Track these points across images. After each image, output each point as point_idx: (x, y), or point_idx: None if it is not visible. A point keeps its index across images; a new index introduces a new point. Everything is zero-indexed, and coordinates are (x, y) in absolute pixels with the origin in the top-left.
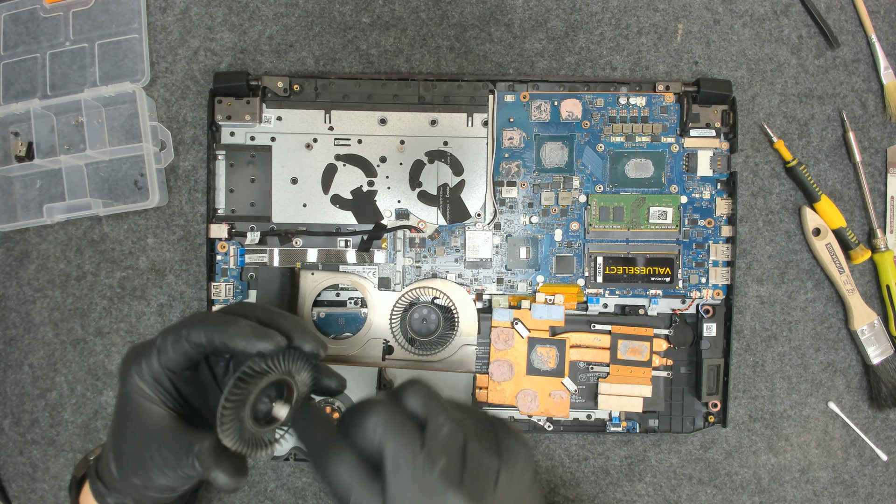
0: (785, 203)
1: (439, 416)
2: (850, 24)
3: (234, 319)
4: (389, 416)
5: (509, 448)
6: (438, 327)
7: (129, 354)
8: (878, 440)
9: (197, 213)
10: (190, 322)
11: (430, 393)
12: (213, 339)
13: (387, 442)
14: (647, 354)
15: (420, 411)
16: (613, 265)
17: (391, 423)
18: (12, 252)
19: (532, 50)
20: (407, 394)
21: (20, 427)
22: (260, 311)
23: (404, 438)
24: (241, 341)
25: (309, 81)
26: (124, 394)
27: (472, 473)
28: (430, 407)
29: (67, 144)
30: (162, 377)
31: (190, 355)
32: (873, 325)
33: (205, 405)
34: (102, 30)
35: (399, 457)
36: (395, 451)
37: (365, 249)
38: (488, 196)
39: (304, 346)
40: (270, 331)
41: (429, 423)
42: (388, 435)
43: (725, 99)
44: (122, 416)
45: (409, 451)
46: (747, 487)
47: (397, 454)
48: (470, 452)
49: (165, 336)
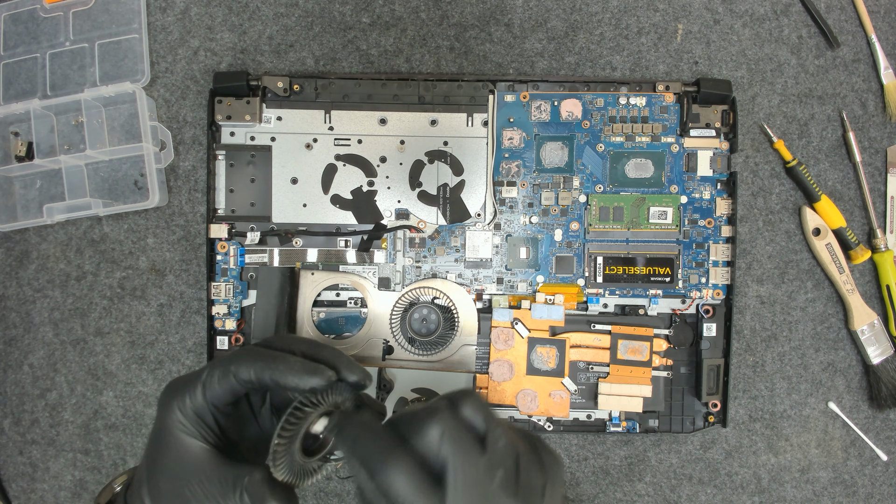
0: (785, 203)
1: (496, 429)
2: (850, 24)
3: (282, 356)
4: (453, 427)
5: (550, 464)
6: (438, 327)
7: (171, 388)
8: (878, 440)
9: (197, 213)
10: (238, 358)
11: (485, 404)
12: (262, 376)
13: (452, 452)
14: (647, 354)
15: (478, 423)
16: (613, 265)
17: (455, 433)
18: (12, 252)
19: (532, 50)
20: (465, 404)
21: (20, 427)
22: (304, 344)
23: (468, 449)
24: (293, 378)
25: (309, 81)
26: (164, 428)
27: (525, 486)
28: (488, 419)
29: (67, 144)
30: (205, 412)
31: (236, 391)
32: (873, 325)
33: (241, 436)
34: (102, 30)
35: (464, 467)
36: (460, 462)
37: (365, 249)
38: (488, 196)
39: (350, 378)
40: (321, 366)
41: (489, 435)
42: (452, 445)
43: (725, 99)
44: (160, 450)
45: (472, 462)
46: (747, 487)
47: (462, 464)
48: (522, 466)
49: (212, 371)
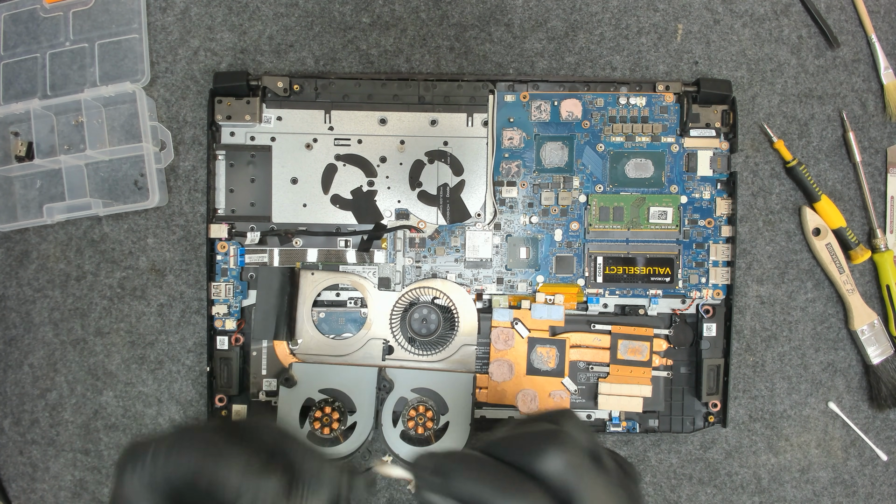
0: (785, 203)
1: (601, 448)
2: (850, 24)
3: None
4: (574, 453)
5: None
6: (438, 327)
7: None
8: (878, 440)
9: (197, 213)
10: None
11: (584, 423)
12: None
13: (578, 480)
14: (647, 354)
15: (586, 442)
16: (613, 265)
17: (577, 459)
18: (12, 252)
19: (532, 50)
20: (571, 425)
21: (20, 427)
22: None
23: (593, 475)
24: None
25: (309, 81)
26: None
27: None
28: (591, 438)
29: (67, 144)
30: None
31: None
32: (873, 325)
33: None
34: (102, 30)
35: (593, 494)
36: (589, 490)
37: (365, 249)
38: (488, 196)
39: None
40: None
41: (603, 459)
42: (577, 473)
43: (725, 99)
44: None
45: (599, 487)
46: (747, 487)
47: (591, 491)
48: (625, 483)
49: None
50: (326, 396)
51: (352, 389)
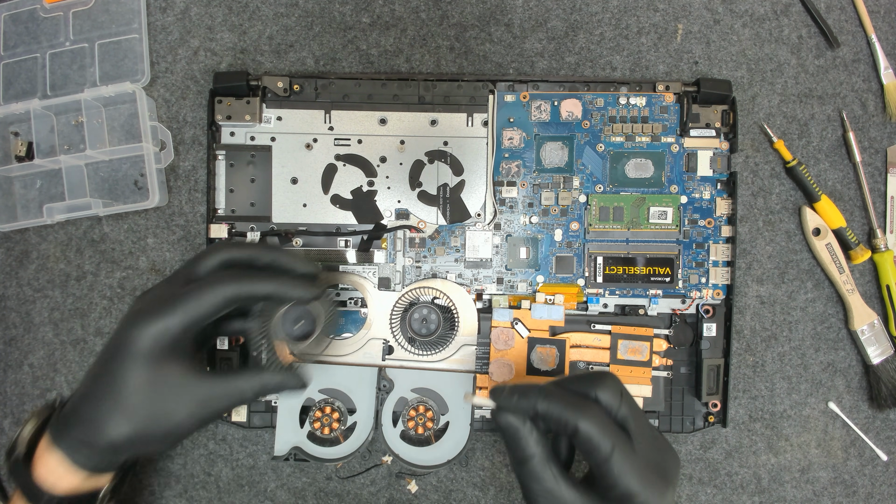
0: (785, 203)
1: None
2: (850, 24)
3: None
4: (625, 389)
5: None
6: (438, 327)
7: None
8: (878, 440)
9: (197, 213)
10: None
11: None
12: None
13: (631, 407)
14: (647, 354)
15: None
16: (613, 265)
17: (629, 395)
18: (12, 252)
19: (532, 50)
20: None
21: (20, 427)
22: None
23: (640, 409)
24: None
25: (309, 81)
26: (132, 351)
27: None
28: (627, 398)
29: (67, 144)
30: (182, 335)
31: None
32: (873, 325)
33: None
34: (102, 30)
35: (642, 421)
36: (640, 416)
37: (365, 249)
38: (488, 196)
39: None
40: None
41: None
42: (630, 402)
43: (725, 99)
44: (125, 372)
45: (646, 419)
46: (747, 487)
47: (642, 418)
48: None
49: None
50: (326, 396)
51: (352, 389)
